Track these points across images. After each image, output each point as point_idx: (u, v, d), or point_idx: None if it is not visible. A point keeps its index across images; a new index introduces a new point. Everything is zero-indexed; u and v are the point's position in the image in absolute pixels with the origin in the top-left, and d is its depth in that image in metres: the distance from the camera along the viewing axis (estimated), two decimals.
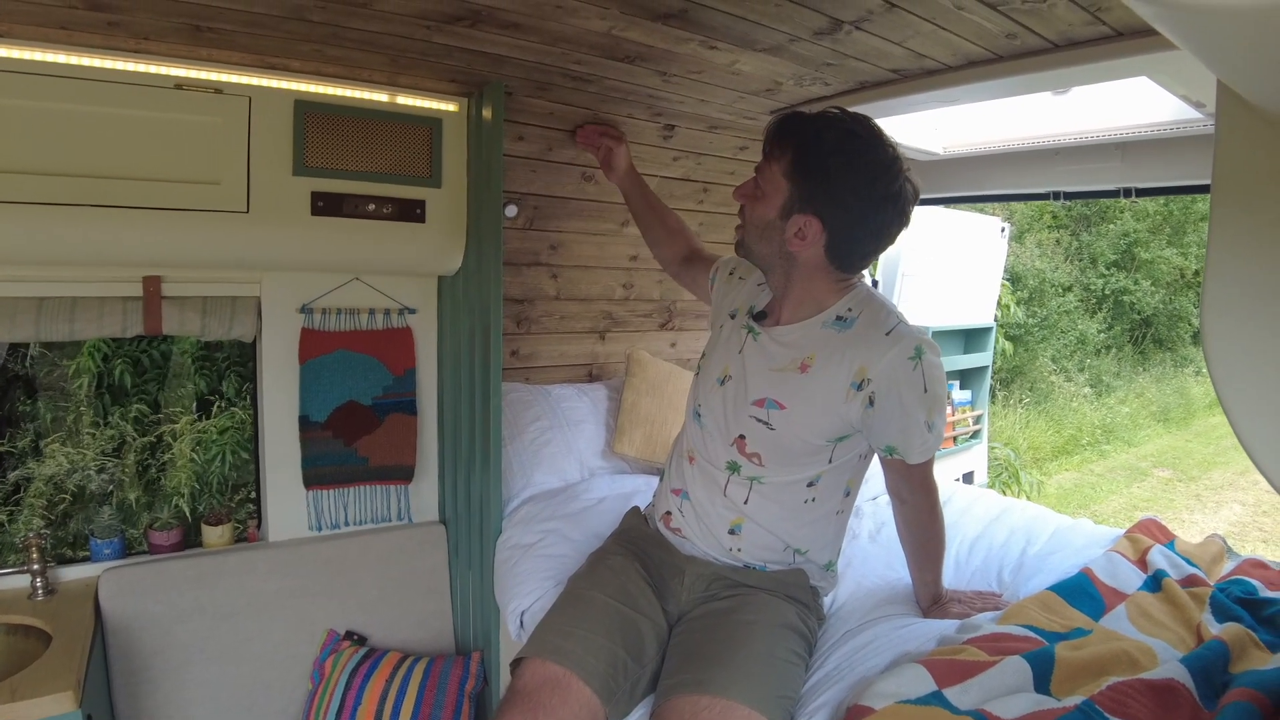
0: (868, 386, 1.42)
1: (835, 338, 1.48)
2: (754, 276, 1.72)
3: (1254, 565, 1.77)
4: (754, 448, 1.53)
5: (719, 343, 1.69)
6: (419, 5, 1.51)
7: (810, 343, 1.50)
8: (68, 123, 1.69)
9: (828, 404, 1.46)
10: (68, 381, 4.11)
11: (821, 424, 1.48)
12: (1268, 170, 0.74)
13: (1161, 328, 11.48)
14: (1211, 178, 0.80)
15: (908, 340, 1.42)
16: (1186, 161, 2.12)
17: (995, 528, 2.08)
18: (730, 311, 1.72)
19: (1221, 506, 6.39)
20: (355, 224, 2.04)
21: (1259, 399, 0.72)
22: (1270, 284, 0.72)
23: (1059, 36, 1.59)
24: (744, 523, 1.56)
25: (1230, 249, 0.75)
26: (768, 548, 1.57)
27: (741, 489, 1.56)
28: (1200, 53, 0.60)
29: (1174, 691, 1.17)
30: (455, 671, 2.16)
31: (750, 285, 1.72)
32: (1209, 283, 0.77)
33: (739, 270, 1.79)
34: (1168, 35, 0.59)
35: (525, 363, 2.76)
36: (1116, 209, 11.29)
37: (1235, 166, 0.76)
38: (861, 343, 1.44)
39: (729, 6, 1.52)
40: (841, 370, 1.44)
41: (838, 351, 1.46)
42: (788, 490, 1.54)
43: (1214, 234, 0.77)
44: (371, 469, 2.27)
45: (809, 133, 1.43)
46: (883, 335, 1.43)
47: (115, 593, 1.93)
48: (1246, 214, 0.76)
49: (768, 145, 1.49)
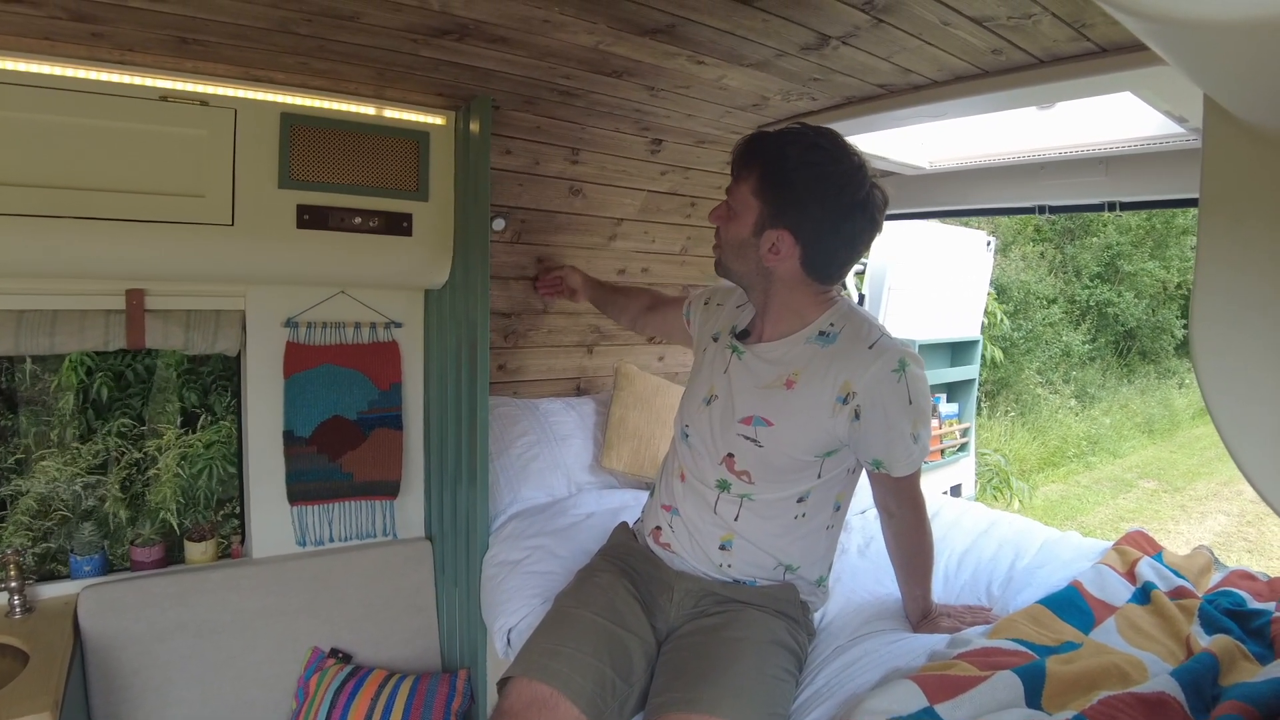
0: (853, 400, 1.43)
1: (819, 353, 1.49)
2: (733, 299, 1.74)
3: (1241, 576, 1.77)
4: (743, 465, 1.53)
5: (704, 364, 1.70)
6: (406, 19, 1.51)
7: (795, 359, 1.51)
8: (50, 134, 1.67)
9: (814, 419, 1.46)
10: (50, 396, 4.06)
11: (809, 439, 1.48)
12: (1254, 183, 0.74)
13: (1145, 339, 11.59)
14: (1199, 191, 0.80)
15: (891, 353, 1.44)
16: (1170, 176, 2.14)
17: (984, 541, 2.08)
18: (713, 335, 1.73)
19: (1207, 517, 6.42)
20: (341, 237, 2.03)
21: (1248, 410, 0.72)
22: (1258, 296, 0.72)
23: (1044, 52, 1.60)
24: (734, 539, 1.56)
25: (1218, 261, 0.75)
26: (758, 564, 1.57)
27: (732, 506, 1.55)
28: (1188, 68, 0.60)
29: (1165, 705, 1.17)
30: (442, 689, 2.14)
31: (729, 308, 1.74)
32: (1198, 295, 0.78)
33: (715, 298, 1.81)
34: (1156, 50, 0.59)
35: (513, 377, 2.75)
36: (1099, 222, 11.41)
37: (1222, 180, 0.76)
38: (845, 357, 1.46)
39: (716, 22, 1.53)
40: (827, 385, 1.45)
41: (822, 367, 1.47)
42: (778, 507, 1.54)
43: (1202, 247, 0.77)
44: (357, 484, 2.25)
45: (774, 150, 1.46)
46: (866, 349, 1.45)
47: (95, 610, 1.90)
48: (1233, 227, 0.76)
49: (735, 166, 1.52)
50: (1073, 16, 1.40)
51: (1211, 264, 0.77)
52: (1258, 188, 0.72)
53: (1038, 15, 1.41)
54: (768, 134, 1.50)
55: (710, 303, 1.82)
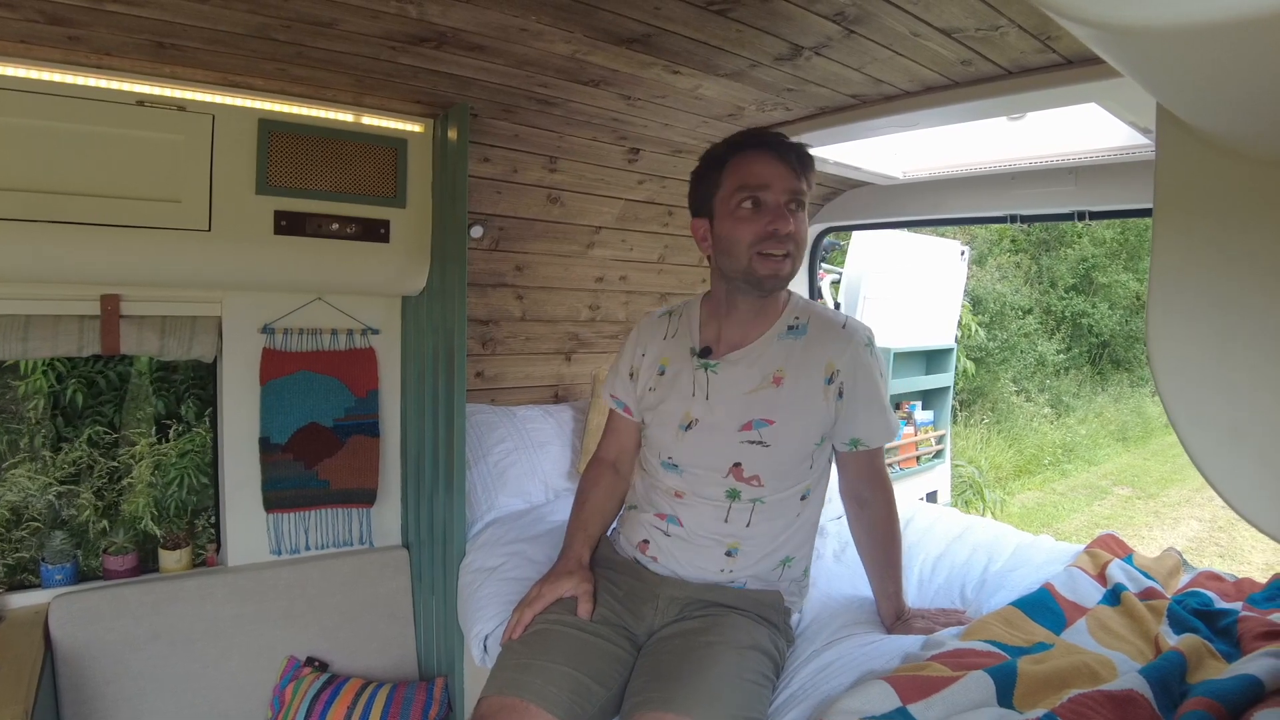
0: (837, 379, 1.55)
1: (796, 345, 1.57)
2: (653, 344, 1.72)
3: (1209, 578, 1.81)
4: (752, 470, 1.55)
5: (666, 397, 1.65)
6: (384, 26, 1.52)
7: (774, 356, 1.57)
8: (25, 138, 1.66)
9: (811, 406, 1.54)
10: (19, 404, 4.00)
11: (810, 429, 1.56)
12: (1205, 189, 0.77)
13: (1119, 349, 11.77)
14: (1153, 198, 0.82)
15: (861, 330, 1.59)
16: (1137, 186, 2.19)
17: (957, 546, 2.10)
18: (658, 370, 1.69)
19: (1180, 523, 6.52)
20: (318, 244, 2.03)
21: (1201, 402, 0.74)
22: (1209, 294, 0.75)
23: (1012, 63, 1.64)
24: (741, 545, 1.58)
25: (1172, 262, 0.78)
26: (762, 564, 1.60)
27: (744, 513, 1.57)
28: (1137, 75, 0.62)
29: (1134, 702, 1.19)
30: (419, 698, 2.12)
31: (656, 347, 1.72)
32: (1153, 300, 0.80)
33: (633, 363, 1.75)
34: (1105, 57, 0.61)
35: (490, 384, 2.74)
36: (1074, 234, 11.59)
37: (1175, 186, 0.79)
38: (823, 343, 1.57)
39: (691, 32, 1.55)
40: (814, 371, 1.54)
41: (805, 356, 1.55)
42: (784, 506, 1.59)
43: (1156, 248, 0.79)
44: (333, 492, 2.24)
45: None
46: (840, 330, 1.58)
47: (66, 620, 1.87)
48: (1186, 232, 0.79)
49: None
50: (1039, 29, 1.44)
51: (1166, 266, 0.79)
52: (1207, 191, 0.75)
53: (1005, 27, 1.44)
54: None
55: (633, 373, 1.74)
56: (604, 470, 1.80)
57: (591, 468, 1.83)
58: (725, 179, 1.54)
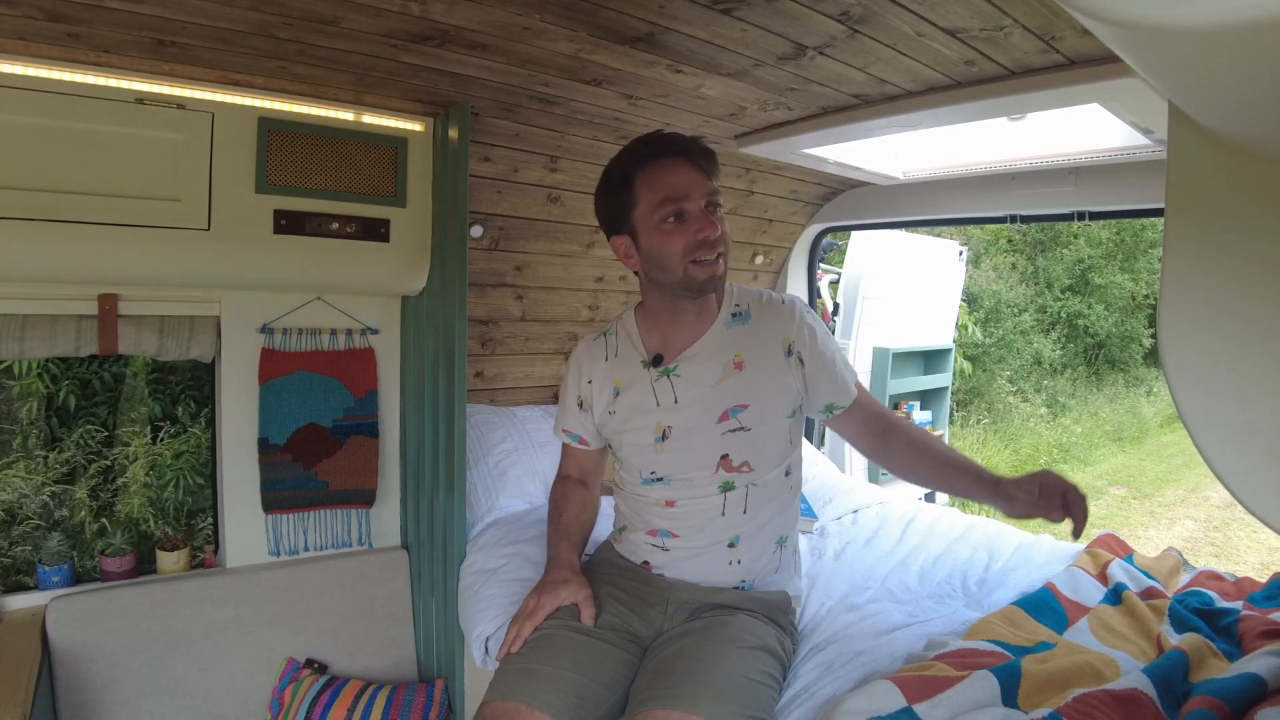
0: (795, 349, 1.60)
1: (745, 330, 1.61)
2: (597, 368, 1.69)
3: (1209, 577, 1.81)
4: (740, 458, 1.56)
5: (630, 416, 1.63)
6: (388, 24, 1.51)
7: (727, 345, 1.59)
8: (23, 135, 1.65)
9: (779, 380, 1.58)
10: (13, 404, 3.98)
11: (782, 404, 1.59)
12: (1218, 191, 0.77)
13: (1114, 349, 11.80)
14: (1165, 199, 0.82)
15: (797, 302, 1.66)
16: (1137, 186, 2.19)
17: (959, 545, 2.10)
18: (613, 393, 1.65)
19: (1175, 523, 6.53)
20: (318, 243, 2.02)
21: (1215, 406, 0.74)
22: (1222, 297, 0.75)
23: (1015, 64, 1.64)
24: (742, 533, 1.58)
25: (1184, 265, 0.78)
26: (763, 549, 1.60)
27: (740, 501, 1.58)
28: (1155, 74, 0.62)
29: (1137, 701, 1.19)
30: (419, 700, 2.12)
31: (601, 370, 1.68)
32: (1165, 297, 0.80)
33: (579, 393, 1.72)
34: (1123, 56, 0.61)
35: (490, 384, 2.74)
36: (1070, 234, 11.62)
37: (1187, 186, 0.79)
38: (770, 320, 1.62)
39: (695, 31, 1.55)
40: (773, 348, 1.59)
41: (757, 337, 1.59)
42: (775, 485, 1.61)
43: (1168, 251, 0.79)
44: (332, 493, 2.23)
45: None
46: (780, 305, 1.64)
47: (63, 622, 1.86)
48: (1198, 233, 0.78)
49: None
50: (1043, 29, 1.44)
51: (1178, 268, 0.79)
52: (1220, 193, 0.75)
53: (1009, 27, 1.44)
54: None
55: (581, 401, 1.71)
56: (572, 485, 1.80)
57: (559, 484, 1.82)
58: (640, 194, 1.50)
